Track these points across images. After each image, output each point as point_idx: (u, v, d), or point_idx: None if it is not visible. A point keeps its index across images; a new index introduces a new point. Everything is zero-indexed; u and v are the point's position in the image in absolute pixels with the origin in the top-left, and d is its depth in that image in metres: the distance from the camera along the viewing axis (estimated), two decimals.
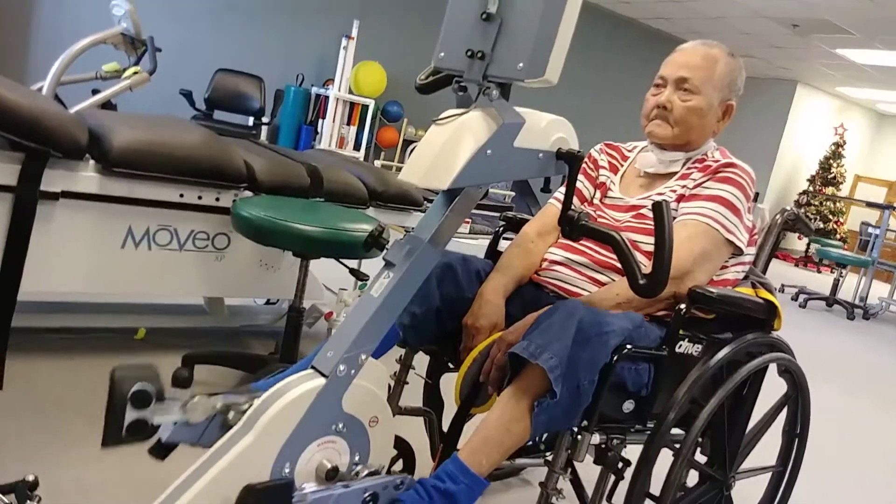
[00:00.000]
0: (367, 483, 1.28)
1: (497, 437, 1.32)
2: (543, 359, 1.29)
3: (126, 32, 3.41)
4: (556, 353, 1.29)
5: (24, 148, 1.92)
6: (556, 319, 1.34)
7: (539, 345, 1.31)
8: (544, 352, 1.29)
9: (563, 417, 1.34)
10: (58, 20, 6.09)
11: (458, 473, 1.29)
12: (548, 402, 1.30)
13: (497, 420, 1.33)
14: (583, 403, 1.34)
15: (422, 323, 1.57)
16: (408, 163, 1.30)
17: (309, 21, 7.29)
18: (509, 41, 1.26)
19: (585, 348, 1.31)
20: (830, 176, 11.64)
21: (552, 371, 1.28)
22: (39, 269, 2.06)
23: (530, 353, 1.30)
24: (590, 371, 1.32)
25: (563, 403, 1.31)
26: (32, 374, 2.12)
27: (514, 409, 1.33)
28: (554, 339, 1.31)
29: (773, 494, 1.85)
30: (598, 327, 1.33)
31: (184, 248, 2.30)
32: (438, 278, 1.58)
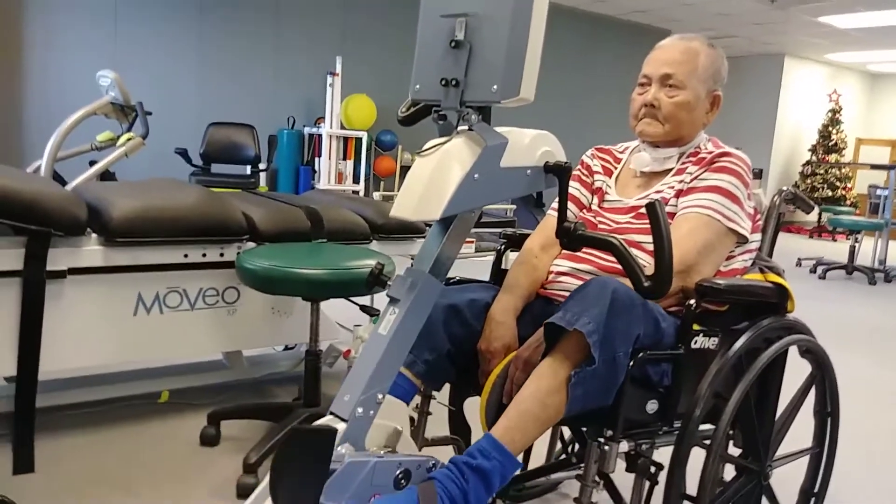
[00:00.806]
0: (402, 458, 1.29)
1: (533, 411, 1.31)
2: (581, 323, 1.29)
3: (115, 101, 3.46)
4: (594, 318, 1.30)
5: (26, 231, 1.94)
6: (591, 290, 1.35)
7: (575, 312, 1.31)
8: (581, 317, 1.30)
9: (599, 391, 1.33)
10: (47, 98, 6.19)
11: (490, 450, 1.29)
12: (585, 372, 1.30)
13: (533, 393, 1.33)
14: (618, 377, 1.34)
15: (436, 368, 1.58)
16: (398, 198, 1.30)
17: (292, 63, 7.37)
18: (481, 65, 1.28)
19: (620, 318, 1.32)
20: (831, 143, 11.58)
21: (591, 335, 1.28)
22: (56, 347, 2.08)
23: (567, 321, 1.31)
24: (625, 342, 1.33)
25: (599, 374, 1.31)
26: (63, 453, 2.13)
27: (552, 380, 1.32)
28: (590, 305, 1.32)
29: (813, 476, 1.83)
30: (632, 300, 1.35)
31: (195, 307, 2.31)
32: (444, 321, 1.58)
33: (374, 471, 1.24)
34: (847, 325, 4.82)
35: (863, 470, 2.46)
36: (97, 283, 2.13)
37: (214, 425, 2.27)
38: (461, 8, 1.30)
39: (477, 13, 1.28)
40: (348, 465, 1.21)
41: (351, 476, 1.21)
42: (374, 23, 7.81)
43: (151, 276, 2.22)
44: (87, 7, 6.29)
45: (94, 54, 6.33)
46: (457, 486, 1.25)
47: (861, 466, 2.49)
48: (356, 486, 1.22)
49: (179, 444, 2.24)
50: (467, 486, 1.25)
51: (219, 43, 6.95)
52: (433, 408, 1.75)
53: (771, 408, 1.63)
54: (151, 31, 6.61)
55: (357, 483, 1.22)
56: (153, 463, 2.11)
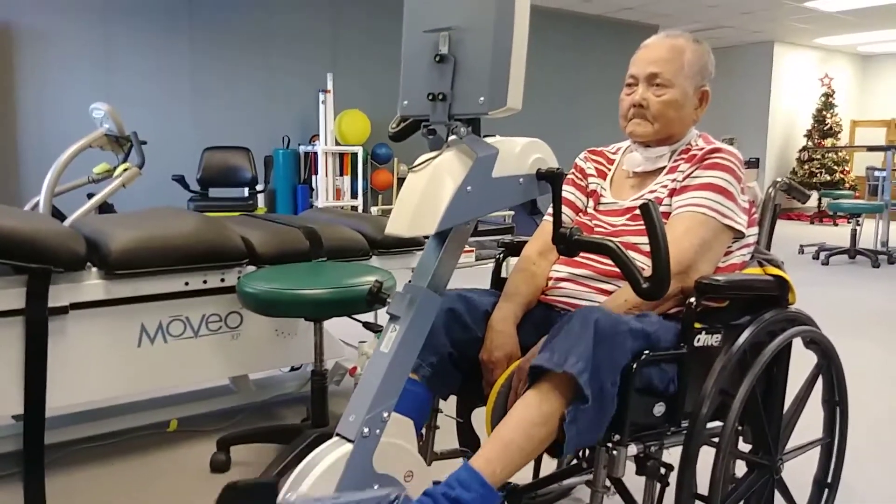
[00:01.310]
0: (361, 496, 1.22)
1: (517, 442, 1.28)
2: (570, 364, 1.27)
3: (109, 133, 3.48)
4: (581, 357, 1.28)
5: (26, 269, 1.95)
6: (574, 326, 1.33)
7: (562, 352, 1.30)
8: (569, 357, 1.28)
9: (591, 426, 1.31)
10: (42, 134, 6.22)
11: (470, 481, 1.24)
12: (577, 410, 1.28)
13: (517, 424, 1.30)
14: (608, 409, 1.32)
15: (441, 372, 1.57)
16: (392, 214, 1.31)
17: (284, 83, 7.40)
18: (466, 78, 1.28)
19: (605, 349, 1.31)
20: (826, 127, 11.57)
21: (581, 375, 1.27)
22: (62, 383, 2.09)
23: (555, 362, 1.29)
24: (611, 372, 1.32)
25: (589, 409, 1.29)
26: (74, 488, 2.13)
27: (536, 412, 1.30)
28: (576, 342, 1.30)
29: (825, 466, 1.82)
30: (615, 327, 1.33)
31: (199, 334, 2.32)
32: (445, 324, 1.57)
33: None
34: (852, 310, 4.80)
35: (875, 457, 2.45)
36: (100, 317, 2.14)
37: (224, 451, 2.26)
38: (443, 22, 1.30)
39: (459, 26, 1.29)
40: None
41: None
42: (363, 38, 7.84)
43: (153, 306, 2.22)
44: (78, 41, 6.33)
45: (86, 87, 6.36)
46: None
47: (873, 453, 2.47)
48: None
49: (190, 473, 2.24)
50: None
51: (210, 68, 6.99)
52: (441, 421, 1.74)
53: (778, 401, 1.62)
54: (142, 61, 6.64)
55: None
56: (165, 493, 2.11)
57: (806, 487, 1.82)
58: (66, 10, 6.26)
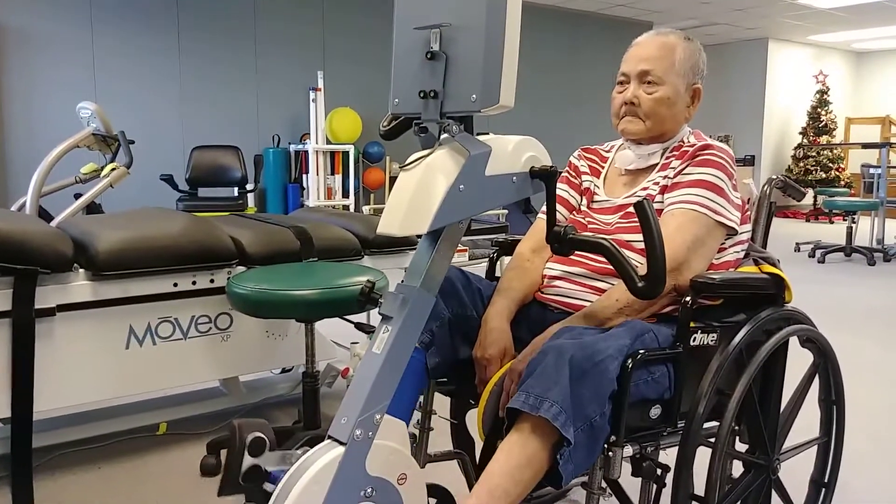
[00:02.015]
0: None
1: (503, 486, 1.26)
2: (545, 409, 1.24)
3: (97, 132, 3.45)
4: (557, 400, 1.24)
5: (12, 271, 1.92)
6: (549, 363, 1.29)
7: (537, 395, 1.26)
8: (544, 401, 1.25)
9: (587, 457, 1.30)
10: (29, 134, 6.17)
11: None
12: (567, 451, 1.25)
13: (501, 469, 1.27)
14: (600, 437, 1.30)
15: (440, 340, 1.55)
16: (384, 214, 1.28)
17: (273, 81, 7.36)
18: (458, 75, 1.26)
19: (585, 384, 1.27)
20: (821, 124, 11.60)
21: (556, 419, 1.23)
22: (49, 385, 2.06)
23: (530, 405, 1.25)
24: (598, 405, 1.28)
25: (581, 445, 1.26)
26: (62, 493, 2.10)
27: (519, 455, 1.27)
28: (551, 384, 1.26)
29: (823, 466, 1.80)
30: (592, 359, 1.28)
31: (188, 335, 2.29)
32: (443, 293, 1.56)
33: None
34: (849, 308, 4.80)
35: (872, 455, 2.44)
36: (87, 318, 2.11)
37: (215, 454, 2.22)
38: (435, 19, 1.28)
39: (451, 23, 1.26)
40: None
41: None
42: (353, 35, 7.82)
43: (142, 308, 2.19)
44: (65, 41, 6.28)
45: (73, 87, 6.32)
46: None
47: (870, 451, 2.46)
48: None
49: (180, 476, 2.21)
50: None
51: (199, 66, 6.95)
52: (434, 422, 1.72)
53: (775, 401, 1.60)
54: (130, 61, 6.60)
55: None
56: (154, 496, 2.08)
57: (803, 487, 1.81)
58: (53, 9, 6.21)
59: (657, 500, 1.50)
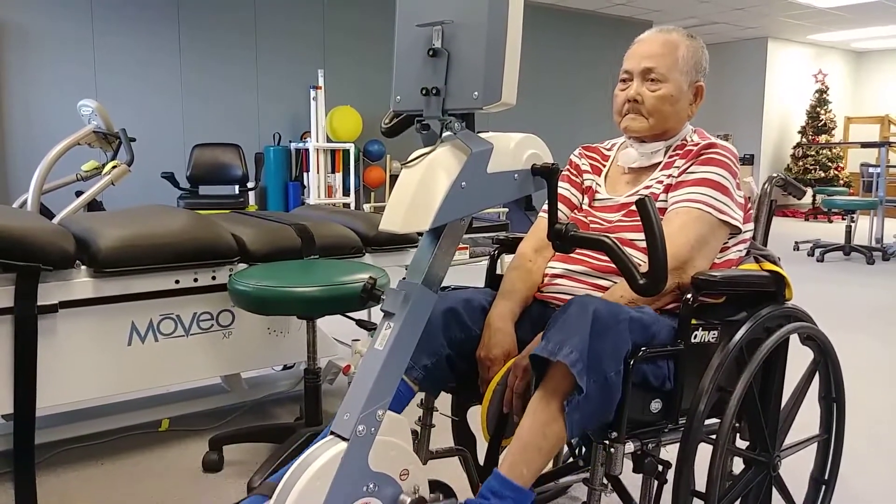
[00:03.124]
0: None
1: (534, 443, 1.31)
2: (563, 354, 1.28)
3: (98, 130, 3.45)
4: (576, 347, 1.28)
5: (14, 268, 1.92)
6: (571, 314, 1.33)
7: (557, 342, 1.30)
8: (563, 347, 1.29)
9: (597, 412, 1.32)
10: (30, 132, 6.17)
11: (501, 488, 1.29)
12: (577, 399, 1.28)
13: (531, 426, 1.32)
14: (614, 396, 1.32)
15: (435, 373, 1.56)
16: (386, 211, 1.29)
17: (274, 80, 7.36)
18: (460, 72, 1.26)
19: (605, 338, 1.30)
20: (820, 124, 11.60)
21: (574, 366, 1.27)
22: (52, 382, 2.06)
23: (549, 351, 1.30)
24: (615, 361, 1.31)
25: (593, 398, 1.29)
26: (65, 488, 2.11)
27: (546, 411, 1.32)
28: (571, 333, 1.30)
29: (823, 463, 1.81)
30: (615, 316, 1.33)
31: (190, 332, 2.29)
32: (443, 325, 1.56)
33: None
34: (848, 307, 4.81)
35: (872, 453, 2.44)
36: (89, 315, 2.11)
37: (217, 451, 2.24)
38: (437, 16, 1.28)
39: (453, 20, 1.27)
40: None
41: None
42: (353, 34, 7.81)
43: (144, 305, 2.19)
44: (66, 38, 6.28)
45: (74, 85, 6.32)
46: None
47: (870, 449, 2.47)
48: None
49: (182, 472, 2.22)
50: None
51: (200, 64, 6.95)
52: (436, 419, 1.73)
53: (775, 398, 1.61)
54: (131, 59, 6.60)
55: None
56: (157, 493, 2.09)
57: (803, 484, 1.81)
58: (54, 7, 6.21)
59: (658, 496, 1.51)
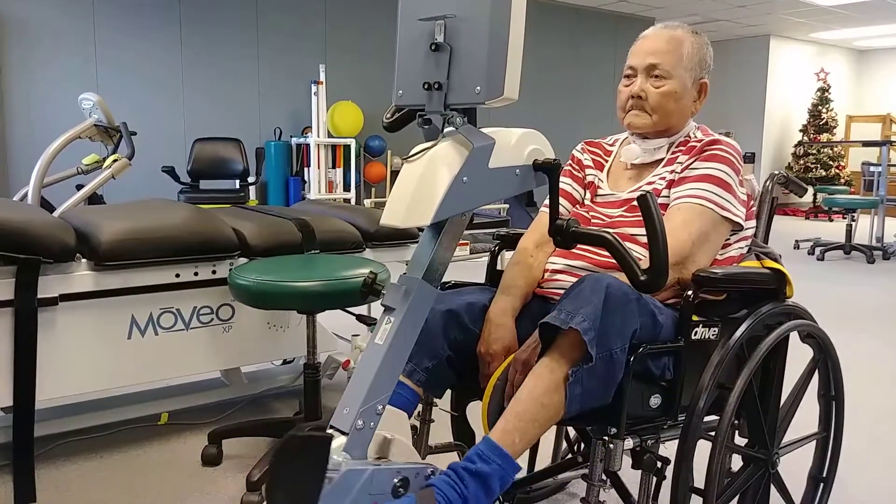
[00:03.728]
0: (401, 466, 1.27)
1: (531, 412, 1.29)
2: (576, 321, 1.28)
3: (98, 123, 3.44)
4: (588, 316, 1.28)
5: (15, 260, 1.92)
6: (585, 287, 1.34)
7: (570, 311, 1.30)
8: (576, 315, 1.29)
9: (598, 389, 1.31)
10: (31, 125, 6.16)
11: (489, 454, 1.27)
12: (582, 371, 1.28)
13: (529, 393, 1.31)
14: (616, 374, 1.32)
15: (437, 375, 1.55)
16: (387, 205, 1.29)
17: (275, 74, 7.35)
18: (463, 67, 1.26)
19: (615, 314, 1.31)
20: (822, 122, 11.58)
21: (586, 333, 1.27)
22: (51, 375, 2.06)
23: (562, 319, 1.30)
24: (621, 338, 1.32)
25: (597, 372, 1.29)
26: (64, 481, 2.11)
27: (548, 379, 1.31)
28: (585, 303, 1.30)
29: (821, 461, 1.81)
30: (626, 296, 1.33)
31: (190, 326, 2.29)
32: (443, 326, 1.55)
33: (372, 479, 1.22)
34: (848, 305, 4.81)
35: (871, 451, 2.44)
36: (90, 308, 2.11)
37: (216, 445, 2.24)
38: (439, 10, 1.28)
39: (455, 14, 1.26)
40: (346, 473, 1.19)
41: (348, 484, 1.20)
42: (355, 29, 7.80)
43: (144, 298, 2.19)
44: (67, 31, 6.27)
45: (75, 79, 6.30)
46: (456, 492, 1.23)
47: (869, 448, 2.47)
48: (354, 495, 1.20)
49: (181, 466, 2.22)
50: (467, 491, 1.23)
51: (201, 58, 6.93)
52: (435, 414, 1.73)
53: (775, 395, 1.61)
54: (131, 53, 6.59)
55: (355, 491, 1.20)
56: (156, 486, 2.09)
57: (802, 482, 1.81)
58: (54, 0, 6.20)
59: (657, 492, 1.51)
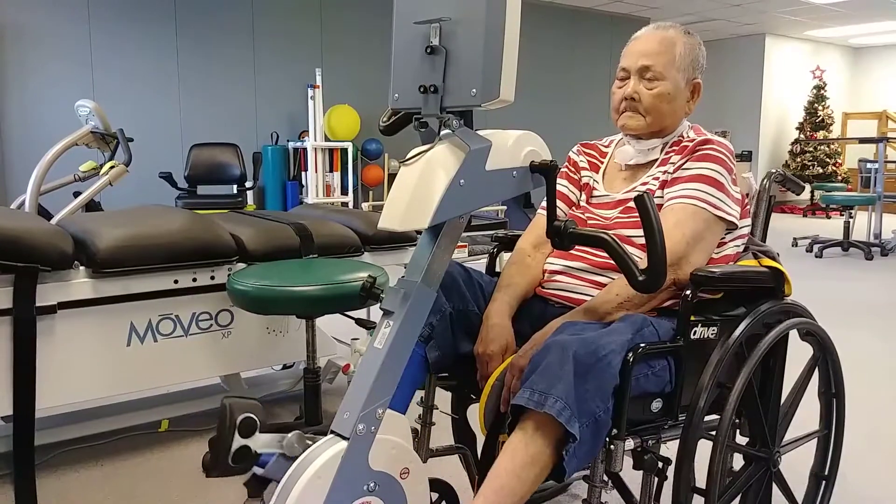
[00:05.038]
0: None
1: (509, 486, 1.26)
2: (549, 405, 1.24)
3: (95, 130, 3.43)
4: (561, 395, 1.24)
5: (12, 269, 1.92)
6: (553, 359, 1.28)
7: (541, 391, 1.26)
8: (548, 397, 1.25)
9: (591, 451, 1.30)
10: (27, 133, 6.15)
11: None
12: (573, 447, 1.25)
13: (505, 468, 1.27)
14: (603, 431, 1.31)
15: (441, 334, 1.56)
16: (384, 209, 1.29)
17: (272, 79, 7.35)
18: (458, 70, 1.26)
19: (589, 379, 1.27)
20: (818, 120, 11.59)
21: (560, 415, 1.23)
22: (51, 383, 2.06)
23: (535, 402, 1.25)
24: (602, 400, 1.28)
25: (585, 440, 1.27)
26: (65, 490, 2.10)
27: (524, 454, 1.27)
28: (555, 380, 1.26)
29: (823, 459, 1.81)
30: (595, 354, 1.28)
31: (189, 332, 2.29)
32: (444, 287, 1.56)
33: None
34: (847, 302, 4.81)
35: (872, 448, 2.45)
36: (88, 316, 2.11)
37: None
38: (435, 13, 1.28)
39: (451, 17, 1.26)
40: None
41: None
42: (351, 33, 7.80)
43: (143, 305, 2.19)
44: (63, 38, 6.27)
45: (71, 85, 6.30)
46: None
47: (870, 445, 2.47)
48: None
49: (182, 473, 2.22)
50: None
51: (197, 63, 6.93)
52: (436, 417, 1.73)
53: (775, 394, 1.61)
54: (128, 59, 6.59)
55: None
56: (157, 493, 2.09)
57: (803, 480, 1.81)
58: (50, 6, 6.20)
59: (658, 492, 1.51)
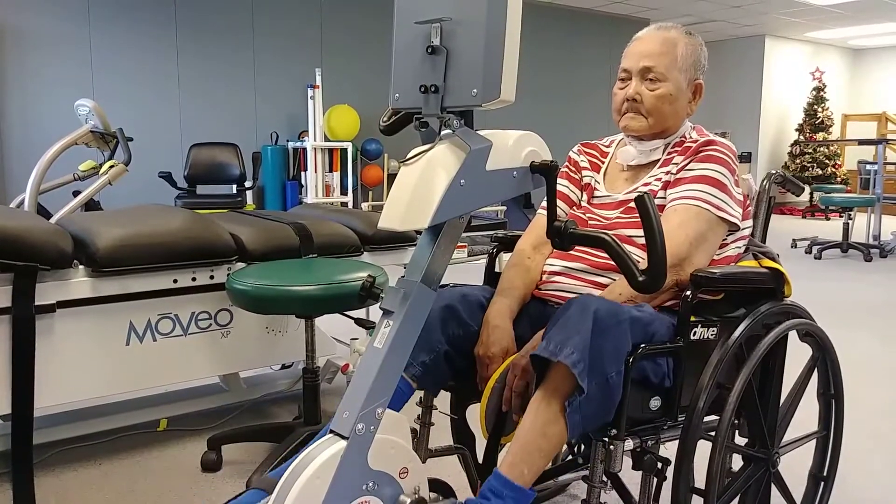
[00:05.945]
0: None
1: (535, 443, 1.31)
2: (564, 355, 1.28)
3: (95, 129, 3.43)
4: (577, 348, 1.28)
5: (12, 268, 1.92)
6: (572, 314, 1.33)
7: (558, 342, 1.30)
8: (564, 347, 1.29)
9: (598, 413, 1.32)
10: (27, 132, 6.15)
11: (501, 488, 1.28)
12: (578, 400, 1.28)
13: (531, 426, 1.32)
14: (615, 396, 1.32)
15: (433, 370, 1.55)
16: (385, 208, 1.28)
17: (272, 79, 7.35)
18: (459, 70, 1.26)
19: (607, 338, 1.30)
20: (818, 121, 11.60)
21: (575, 366, 1.27)
22: (50, 382, 2.06)
23: (550, 351, 1.30)
24: (615, 361, 1.31)
25: (594, 398, 1.29)
26: (63, 489, 2.10)
27: (546, 411, 1.31)
28: (572, 333, 1.30)
29: (822, 460, 1.81)
30: (616, 316, 1.33)
31: (188, 332, 2.29)
32: (441, 321, 1.55)
33: None
34: (846, 304, 4.81)
35: (871, 449, 2.45)
36: (87, 315, 2.11)
37: (215, 450, 2.24)
38: (435, 13, 1.28)
39: (451, 17, 1.26)
40: None
41: None
42: (351, 33, 7.81)
43: (142, 304, 2.19)
44: (62, 38, 6.27)
45: (71, 85, 6.30)
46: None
47: (869, 446, 2.47)
48: None
49: (181, 472, 2.21)
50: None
51: (196, 63, 6.93)
52: (435, 417, 1.73)
53: (774, 394, 1.61)
54: (128, 58, 6.59)
55: None
56: (155, 493, 2.09)
57: (802, 481, 1.81)
58: (50, 6, 6.19)
59: (657, 493, 1.51)
